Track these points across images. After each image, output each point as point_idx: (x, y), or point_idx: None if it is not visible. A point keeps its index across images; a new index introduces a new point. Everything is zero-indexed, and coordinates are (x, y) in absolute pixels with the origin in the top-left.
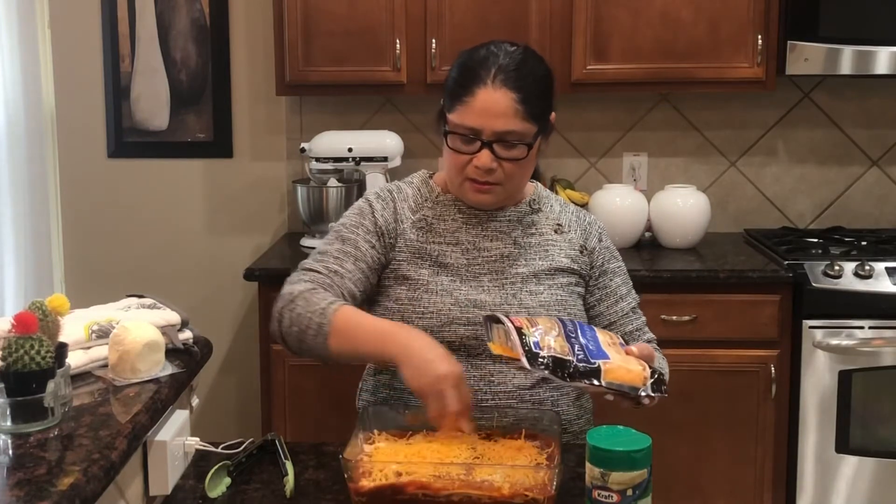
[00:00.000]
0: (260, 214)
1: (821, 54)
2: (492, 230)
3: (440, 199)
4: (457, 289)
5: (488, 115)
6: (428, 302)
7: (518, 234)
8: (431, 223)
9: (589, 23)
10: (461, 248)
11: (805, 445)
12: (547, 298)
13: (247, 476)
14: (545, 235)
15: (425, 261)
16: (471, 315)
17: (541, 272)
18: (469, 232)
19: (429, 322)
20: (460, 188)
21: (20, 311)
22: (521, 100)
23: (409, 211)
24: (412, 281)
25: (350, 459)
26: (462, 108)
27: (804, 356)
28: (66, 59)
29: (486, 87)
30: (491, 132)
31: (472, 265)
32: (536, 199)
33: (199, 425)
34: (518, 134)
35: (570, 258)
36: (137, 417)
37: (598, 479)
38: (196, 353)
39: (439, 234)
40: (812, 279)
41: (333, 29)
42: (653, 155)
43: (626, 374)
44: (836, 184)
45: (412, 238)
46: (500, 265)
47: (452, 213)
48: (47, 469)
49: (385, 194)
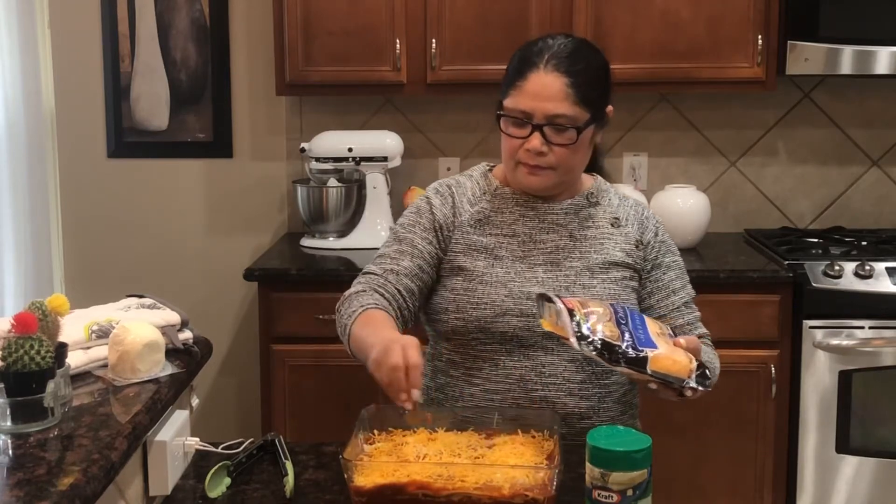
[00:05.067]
0: (260, 214)
1: (821, 54)
2: (548, 222)
3: (499, 191)
4: (511, 280)
5: (539, 98)
6: (482, 293)
7: (574, 226)
8: (489, 215)
9: (589, 22)
10: (517, 240)
11: (805, 445)
12: (600, 292)
13: (247, 476)
14: (602, 229)
15: (481, 253)
16: (524, 307)
17: (595, 266)
18: (526, 224)
19: (482, 313)
20: (513, 173)
21: (20, 312)
22: (572, 84)
23: (468, 204)
24: (468, 272)
25: (350, 459)
26: (515, 93)
27: (804, 356)
28: (65, 58)
29: (538, 71)
30: (542, 115)
31: (528, 257)
32: (595, 193)
33: (199, 425)
34: (568, 118)
35: (624, 252)
36: (137, 417)
37: (598, 480)
38: (196, 353)
39: (496, 227)
40: (812, 279)
41: (333, 29)
42: (653, 155)
43: (672, 365)
44: (836, 184)
45: (469, 231)
46: (554, 257)
47: (510, 206)
48: (47, 469)
49: (444, 189)
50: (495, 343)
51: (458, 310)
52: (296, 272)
